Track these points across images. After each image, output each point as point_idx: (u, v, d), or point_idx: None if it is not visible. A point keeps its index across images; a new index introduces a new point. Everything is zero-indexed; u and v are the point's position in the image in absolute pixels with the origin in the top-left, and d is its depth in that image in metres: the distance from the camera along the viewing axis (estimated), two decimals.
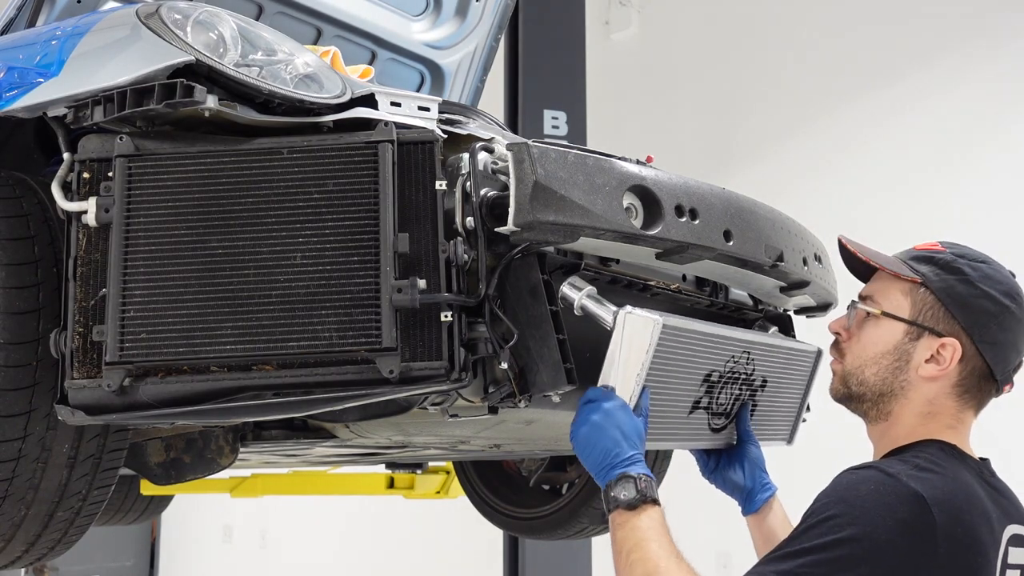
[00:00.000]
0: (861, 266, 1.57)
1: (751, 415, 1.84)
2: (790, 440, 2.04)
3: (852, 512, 1.25)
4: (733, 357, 1.73)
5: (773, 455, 1.86)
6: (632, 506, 1.40)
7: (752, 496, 1.76)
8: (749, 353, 1.77)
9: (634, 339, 1.50)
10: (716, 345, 1.68)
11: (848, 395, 1.54)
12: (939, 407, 1.45)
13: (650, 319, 1.50)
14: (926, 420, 1.45)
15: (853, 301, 1.58)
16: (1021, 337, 1.45)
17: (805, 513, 1.31)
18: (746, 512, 1.78)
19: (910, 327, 1.46)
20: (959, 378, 1.45)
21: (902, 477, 1.28)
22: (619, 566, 1.38)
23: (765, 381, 1.85)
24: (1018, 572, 1.36)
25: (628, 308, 1.52)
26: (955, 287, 1.45)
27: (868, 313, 1.52)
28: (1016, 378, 1.54)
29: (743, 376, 1.78)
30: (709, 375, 1.70)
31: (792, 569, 1.22)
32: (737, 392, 1.79)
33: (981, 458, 1.47)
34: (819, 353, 1.99)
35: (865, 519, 1.24)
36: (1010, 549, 1.34)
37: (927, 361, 1.45)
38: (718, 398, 1.74)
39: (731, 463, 1.80)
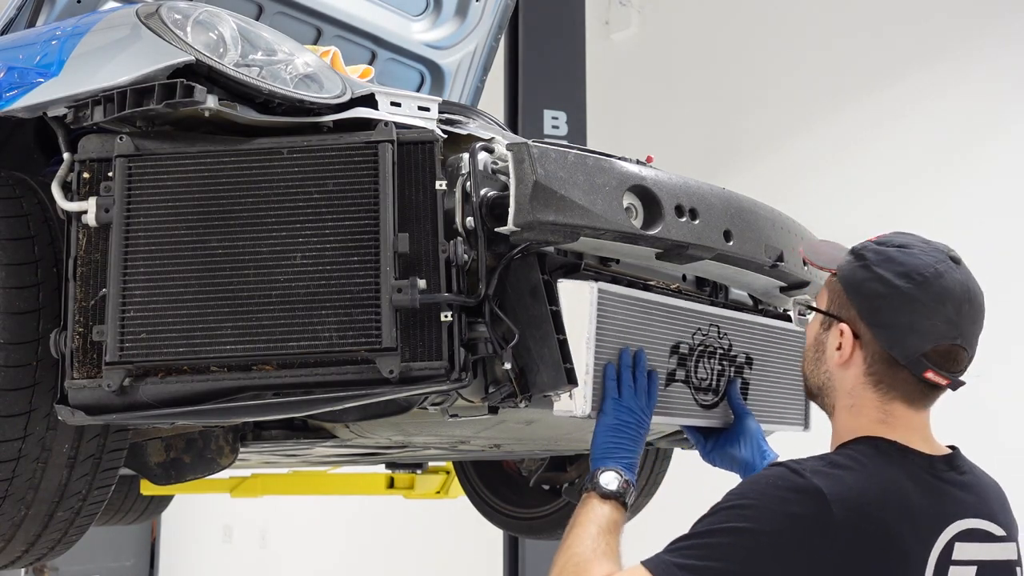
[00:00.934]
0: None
1: (745, 393, 1.87)
2: (806, 425, 2.05)
3: (746, 503, 1.30)
4: (700, 330, 1.77)
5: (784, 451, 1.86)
6: (605, 496, 1.51)
7: (753, 468, 1.77)
8: (718, 327, 1.80)
9: (575, 308, 1.55)
10: (674, 316, 1.72)
11: (807, 394, 1.56)
12: (860, 399, 1.42)
13: (584, 285, 1.56)
14: (855, 415, 1.43)
15: (794, 298, 1.64)
16: (920, 319, 1.37)
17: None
18: None
19: (824, 317, 1.48)
20: (866, 366, 1.42)
21: (806, 473, 1.30)
22: (564, 534, 1.50)
23: (750, 358, 1.86)
24: (973, 569, 1.34)
25: (562, 279, 1.56)
26: (854, 273, 1.44)
27: (802, 308, 1.57)
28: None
29: (720, 351, 1.81)
30: (676, 347, 1.72)
31: (682, 553, 1.28)
32: (719, 367, 1.81)
33: (950, 449, 1.45)
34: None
35: (756, 511, 1.28)
36: (956, 544, 1.32)
37: (837, 349, 1.44)
38: (696, 372, 1.76)
39: (729, 440, 1.83)
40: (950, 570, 1.31)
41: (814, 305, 1.52)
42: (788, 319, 2.06)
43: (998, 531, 1.39)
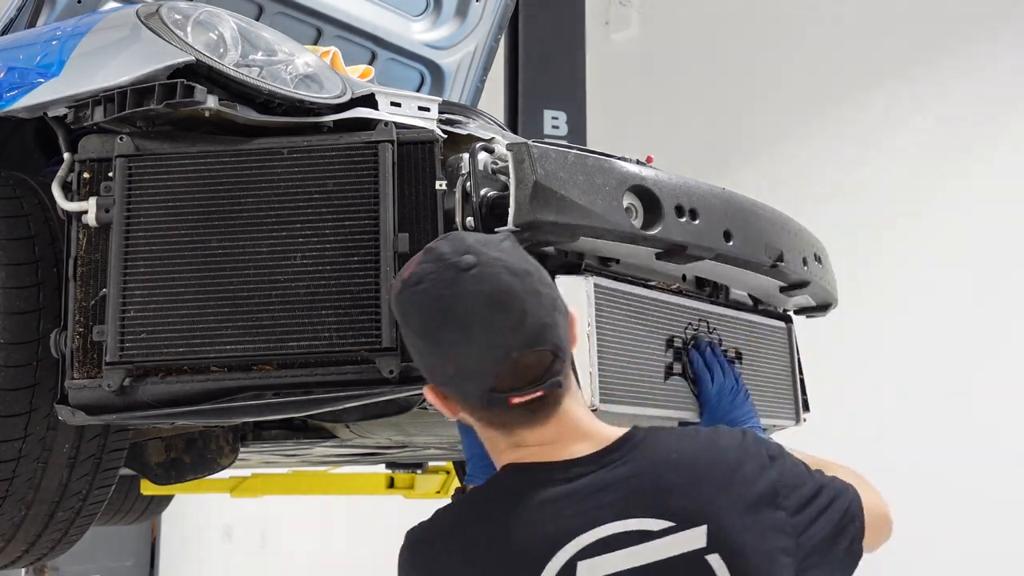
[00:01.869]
0: None
1: None
2: (797, 420, 2.06)
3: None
4: (691, 324, 1.78)
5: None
6: None
7: None
8: (707, 322, 1.82)
9: (574, 303, 1.55)
10: (664, 311, 1.73)
11: None
12: (492, 439, 1.28)
13: (580, 279, 1.57)
14: (493, 452, 1.29)
15: None
16: (461, 363, 1.19)
17: None
18: None
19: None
20: (473, 416, 1.26)
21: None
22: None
23: (739, 353, 1.88)
24: None
25: (559, 276, 1.57)
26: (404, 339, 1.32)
27: None
28: None
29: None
30: (671, 340, 1.73)
31: None
32: None
33: (629, 432, 1.26)
34: (788, 327, 2.03)
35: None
36: (580, 564, 1.15)
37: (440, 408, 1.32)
38: (692, 364, 1.78)
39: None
40: None
41: None
42: (780, 318, 2.07)
43: (659, 524, 1.17)
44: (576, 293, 1.57)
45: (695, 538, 1.16)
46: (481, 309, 1.16)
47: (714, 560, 1.16)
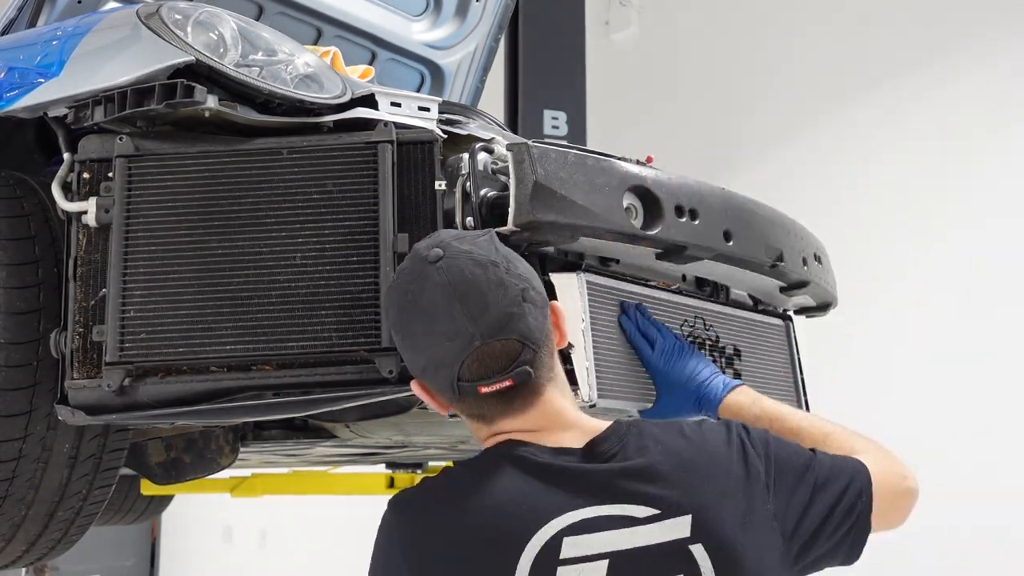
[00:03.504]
0: None
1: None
2: None
3: None
4: (687, 321, 1.78)
5: None
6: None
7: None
8: (703, 320, 1.82)
9: (568, 299, 1.57)
10: (660, 307, 1.74)
11: None
12: (476, 431, 1.30)
13: (572, 276, 1.58)
14: (485, 446, 1.29)
15: None
16: (429, 353, 1.23)
17: None
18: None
19: None
20: (456, 409, 1.29)
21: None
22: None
23: (737, 350, 1.87)
24: (603, 563, 1.16)
25: (553, 274, 1.58)
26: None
27: None
28: None
29: (708, 342, 1.82)
30: None
31: None
32: (711, 357, 1.82)
33: (622, 423, 1.28)
34: (787, 324, 2.03)
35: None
36: (566, 540, 1.16)
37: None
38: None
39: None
40: (559, 572, 1.14)
41: None
42: (779, 317, 2.06)
43: (645, 512, 1.18)
44: (570, 290, 1.58)
45: (679, 527, 1.17)
46: (443, 299, 1.20)
47: (697, 550, 1.17)
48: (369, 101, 1.64)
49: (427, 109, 1.66)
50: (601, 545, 1.16)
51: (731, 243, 1.72)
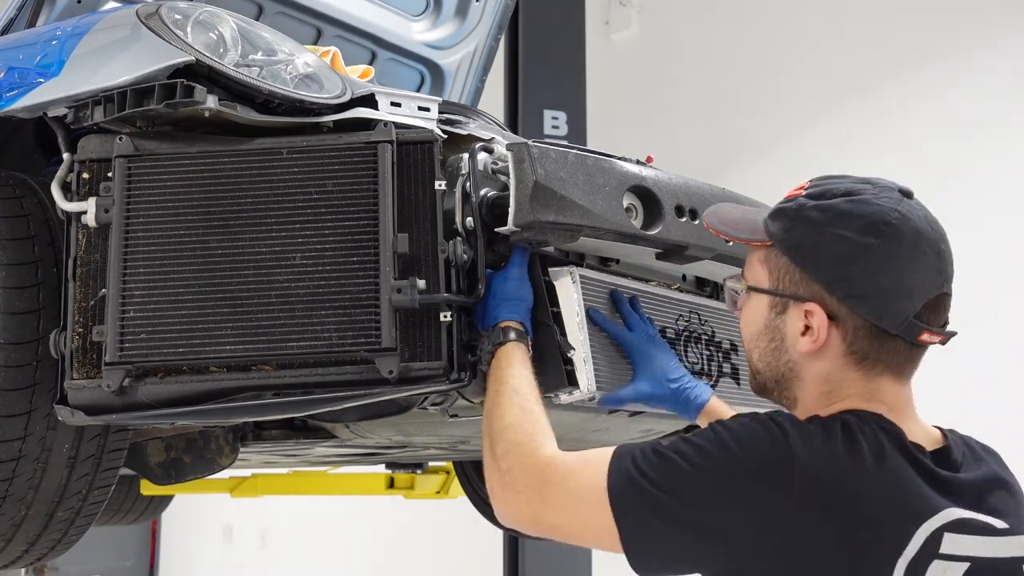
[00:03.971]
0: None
1: (736, 379, 1.87)
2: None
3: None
4: (681, 316, 1.78)
5: None
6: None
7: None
8: (698, 315, 1.82)
9: (563, 294, 1.57)
10: (653, 302, 1.74)
11: (756, 387, 1.35)
12: (839, 383, 1.23)
13: (564, 271, 1.58)
14: (831, 400, 1.23)
15: (724, 279, 1.42)
16: (905, 276, 1.19)
17: None
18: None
19: (773, 299, 1.27)
20: (846, 346, 1.22)
21: (786, 432, 1.17)
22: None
23: (734, 344, 1.87)
24: (964, 565, 1.15)
25: (550, 268, 1.58)
26: (804, 239, 1.23)
27: (738, 291, 1.34)
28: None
29: (704, 336, 1.82)
30: (663, 331, 1.73)
31: (649, 464, 1.17)
32: (708, 352, 1.82)
33: (943, 436, 1.27)
34: None
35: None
36: (946, 536, 1.15)
37: (802, 335, 1.23)
38: (687, 355, 1.77)
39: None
40: (933, 564, 1.13)
41: (760, 286, 1.28)
42: None
43: (999, 524, 1.19)
44: (563, 284, 1.58)
45: (1021, 544, 1.20)
46: (931, 234, 1.21)
47: None
48: (369, 101, 1.64)
49: (427, 109, 1.66)
50: (970, 548, 1.16)
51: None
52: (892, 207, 1.21)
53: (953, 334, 1.24)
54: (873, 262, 1.19)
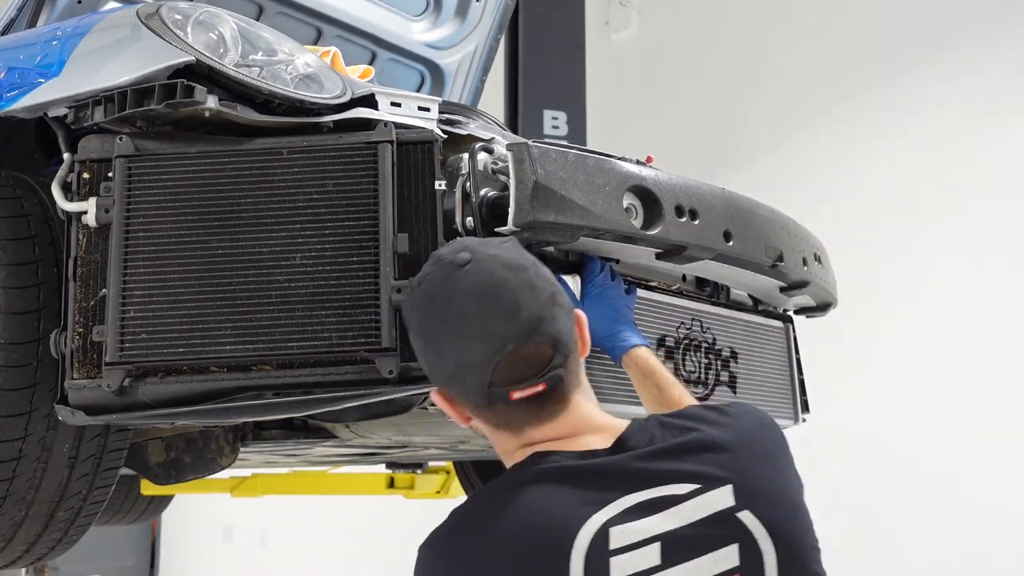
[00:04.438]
0: None
1: (734, 387, 1.88)
2: (795, 419, 2.07)
3: None
4: (683, 323, 1.79)
5: None
6: None
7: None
8: (701, 322, 1.83)
9: None
10: (655, 309, 1.74)
11: None
12: (503, 443, 1.27)
13: (566, 278, 1.58)
14: (510, 457, 1.26)
15: None
16: (458, 356, 1.20)
17: None
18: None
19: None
20: (483, 421, 1.26)
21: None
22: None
23: (734, 352, 1.88)
24: (654, 546, 1.13)
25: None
26: (407, 322, 1.31)
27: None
28: None
29: (705, 344, 1.83)
30: (663, 339, 1.74)
31: None
32: (706, 360, 1.83)
33: (641, 420, 1.26)
34: (787, 327, 2.03)
35: None
36: (612, 531, 1.13)
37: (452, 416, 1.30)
38: (684, 364, 1.78)
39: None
40: (611, 562, 1.12)
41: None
42: (779, 318, 2.07)
43: (685, 488, 1.16)
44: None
45: (723, 497, 1.16)
46: (474, 302, 1.19)
47: (745, 516, 1.15)
48: (369, 101, 1.64)
49: (427, 109, 1.66)
50: (649, 529, 1.14)
51: (731, 243, 1.72)
52: (439, 288, 1.22)
53: (557, 376, 1.20)
54: (432, 351, 1.23)
